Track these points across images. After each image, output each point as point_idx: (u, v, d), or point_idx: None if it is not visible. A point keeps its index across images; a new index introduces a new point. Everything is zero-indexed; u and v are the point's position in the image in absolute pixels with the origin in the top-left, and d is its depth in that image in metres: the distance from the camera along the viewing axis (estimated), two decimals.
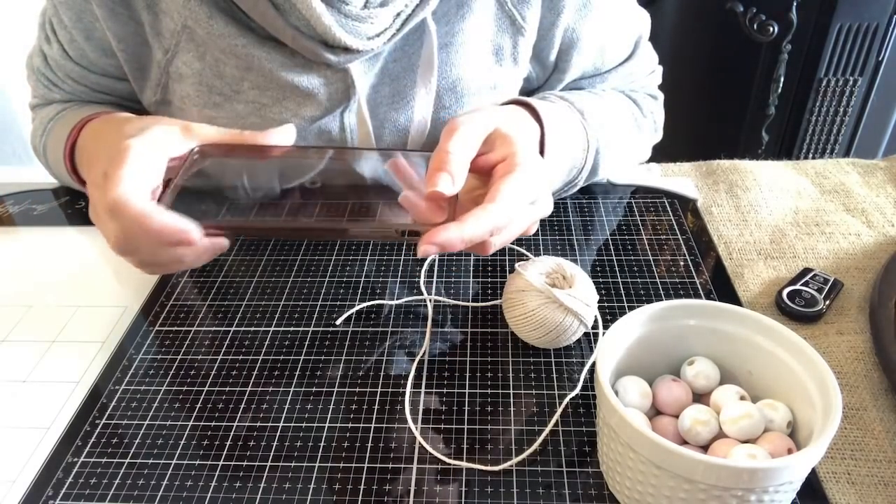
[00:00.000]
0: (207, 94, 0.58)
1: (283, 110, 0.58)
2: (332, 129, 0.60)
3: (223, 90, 0.58)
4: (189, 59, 0.57)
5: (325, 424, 0.46)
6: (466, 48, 0.59)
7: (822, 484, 0.41)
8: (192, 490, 0.42)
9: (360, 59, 0.56)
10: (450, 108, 0.61)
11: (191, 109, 0.60)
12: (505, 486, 0.41)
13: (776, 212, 0.65)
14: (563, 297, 0.47)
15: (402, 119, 0.61)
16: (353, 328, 0.54)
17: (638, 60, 0.69)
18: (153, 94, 0.61)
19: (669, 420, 0.41)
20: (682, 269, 0.58)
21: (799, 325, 0.52)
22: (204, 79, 0.58)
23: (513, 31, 0.60)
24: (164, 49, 0.57)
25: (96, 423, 0.47)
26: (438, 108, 0.61)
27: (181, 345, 0.53)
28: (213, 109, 0.59)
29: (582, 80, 0.68)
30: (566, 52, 0.64)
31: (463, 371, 0.49)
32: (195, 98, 0.59)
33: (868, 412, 0.46)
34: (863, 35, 1.21)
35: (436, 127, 0.62)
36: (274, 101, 0.58)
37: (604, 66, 0.68)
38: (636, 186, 0.70)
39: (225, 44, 0.55)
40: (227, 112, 0.59)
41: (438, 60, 0.58)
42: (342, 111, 0.59)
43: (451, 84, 0.60)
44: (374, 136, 0.61)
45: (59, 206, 0.71)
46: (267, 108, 0.58)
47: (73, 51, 0.61)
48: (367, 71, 0.58)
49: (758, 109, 1.35)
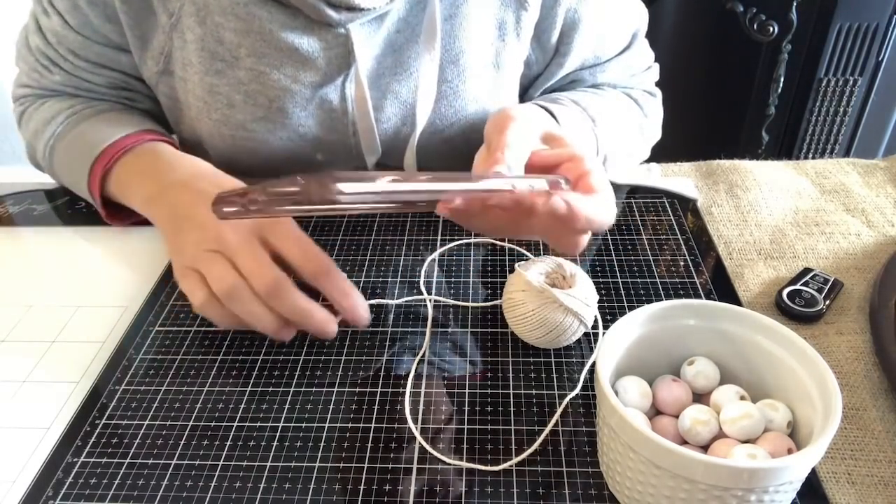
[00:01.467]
0: (209, 60, 0.58)
1: (282, 76, 0.58)
2: (333, 99, 0.60)
3: (224, 56, 0.58)
4: (191, 23, 0.57)
5: (325, 424, 0.46)
6: (470, 21, 0.59)
7: (822, 484, 0.41)
8: (192, 490, 0.42)
9: (362, 22, 0.56)
10: (452, 81, 0.61)
11: (193, 78, 0.60)
12: (505, 486, 0.41)
13: (776, 212, 0.65)
14: (563, 297, 0.47)
15: (404, 90, 0.61)
16: (353, 328, 0.54)
17: (635, 52, 0.70)
18: (155, 65, 0.61)
19: (669, 420, 0.41)
20: (682, 269, 0.58)
21: (799, 325, 0.52)
22: (206, 44, 0.57)
23: (516, 6, 0.60)
24: (168, 13, 0.57)
25: (96, 423, 0.47)
26: (441, 80, 0.61)
27: (181, 345, 0.53)
28: (214, 76, 0.59)
29: (582, 71, 0.68)
30: (567, 35, 0.64)
31: (463, 371, 0.49)
32: (197, 65, 0.59)
33: (868, 412, 0.46)
34: (863, 35, 1.21)
35: (438, 101, 0.62)
36: (272, 68, 0.58)
37: (603, 55, 0.68)
38: (636, 186, 0.70)
39: (227, 3, 0.55)
40: (229, 79, 0.59)
41: (442, 32, 0.58)
42: (343, 81, 0.59)
43: (454, 57, 0.60)
44: (375, 107, 0.61)
45: (59, 206, 0.71)
46: (265, 76, 0.58)
47: (75, 18, 0.60)
48: (368, 38, 0.57)
49: (758, 109, 1.35)
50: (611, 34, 0.67)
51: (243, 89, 0.59)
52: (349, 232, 0.64)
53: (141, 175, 0.57)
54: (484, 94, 0.64)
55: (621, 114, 0.65)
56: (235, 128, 0.62)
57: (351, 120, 0.62)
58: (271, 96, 0.59)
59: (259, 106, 0.60)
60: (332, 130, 0.63)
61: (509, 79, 0.65)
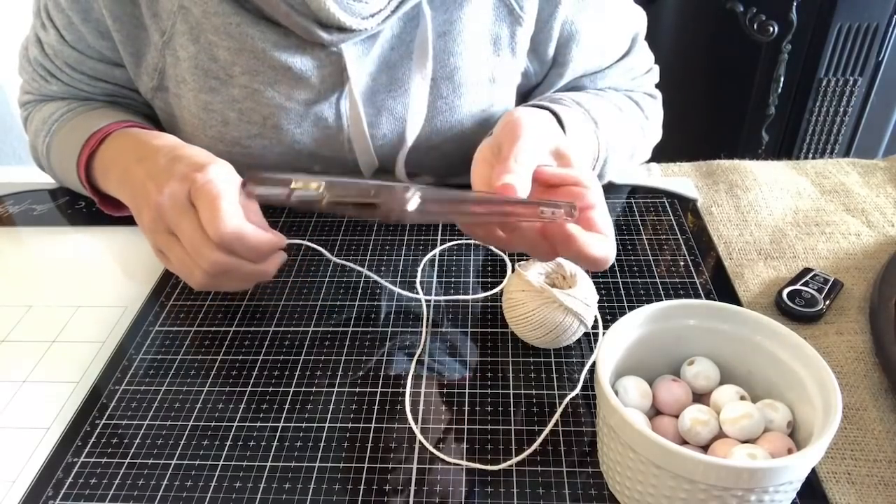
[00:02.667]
0: (203, 77, 0.58)
1: (275, 94, 0.58)
2: (329, 117, 0.60)
3: (218, 74, 0.58)
4: (184, 41, 0.57)
5: (325, 424, 0.46)
6: (464, 37, 0.59)
7: (822, 484, 0.41)
8: (192, 490, 0.42)
9: (354, 42, 0.56)
10: (447, 97, 0.61)
11: (187, 95, 0.60)
12: (505, 486, 0.41)
13: (776, 212, 0.65)
14: (563, 297, 0.47)
15: (398, 107, 0.61)
16: (353, 328, 0.54)
17: (636, 56, 0.70)
18: (150, 80, 0.61)
19: (669, 420, 0.41)
20: (682, 269, 0.58)
21: (799, 325, 0.52)
22: (199, 62, 0.58)
23: (511, 21, 0.60)
24: (160, 31, 0.58)
25: (96, 423, 0.47)
26: (436, 96, 0.61)
27: (181, 345, 0.53)
28: (208, 94, 0.59)
29: (583, 78, 0.68)
30: (565, 46, 0.64)
31: (463, 371, 0.49)
32: (191, 83, 0.59)
33: (868, 412, 0.46)
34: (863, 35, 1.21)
35: (433, 116, 0.62)
36: (266, 86, 0.58)
37: (604, 63, 0.68)
38: (636, 186, 0.70)
39: (219, 22, 0.55)
40: (223, 96, 0.59)
41: (436, 49, 0.59)
42: (337, 98, 0.59)
43: (449, 73, 0.60)
44: (369, 123, 0.61)
45: (59, 206, 0.71)
46: (259, 94, 0.58)
47: (70, 34, 0.61)
48: (361, 56, 0.58)
49: (758, 109, 1.35)
50: (610, 42, 0.66)
51: (237, 107, 0.60)
52: (349, 232, 0.64)
53: (113, 160, 0.57)
54: (479, 108, 0.64)
55: (623, 116, 0.65)
56: (231, 144, 0.62)
57: (346, 136, 0.62)
58: (265, 114, 0.60)
59: (253, 123, 0.61)
60: (327, 146, 0.63)
61: (506, 92, 0.65)
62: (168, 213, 0.47)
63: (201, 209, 0.46)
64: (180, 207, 0.46)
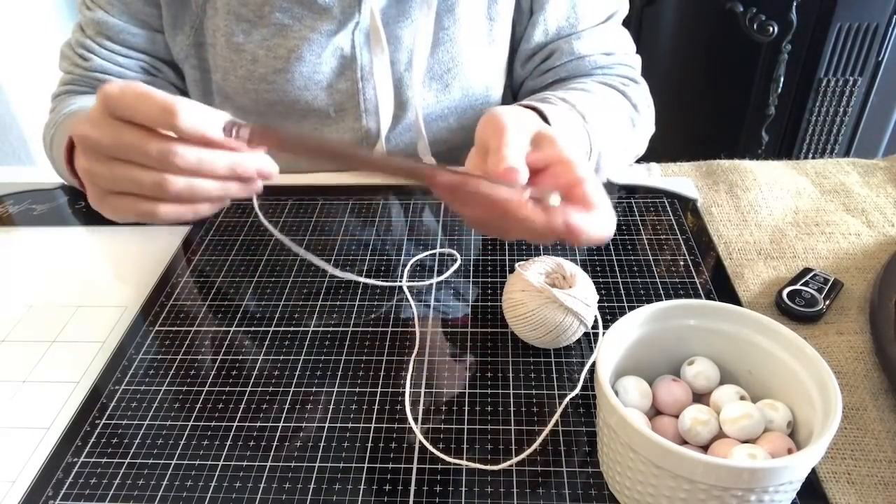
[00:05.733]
0: (235, 22, 0.66)
1: (303, 27, 0.66)
2: (344, 46, 0.67)
3: (248, 17, 0.66)
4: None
5: (325, 424, 0.46)
6: None
7: (822, 484, 0.41)
8: (192, 490, 0.42)
9: None
10: (448, 28, 0.68)
11: (220, 41, 0.68)
12: (505, 486, 0.41)
13: (776, 212, 0.65)
14: (563, 297, 0.47)
15: (406, 37, 0.68)
16: (353, 328, 0.54)
17: (612, 32, 0.73)
18: (186, 38, 0.69)
19: (669, 420, 0.41)
20: (682, 269, 0.58)
21: (799, 325, 0.52)
22: (231, 7, 0.66)
23: None
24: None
25: (96, 423, 0.47)
26: (438, 27, 0.68)
27: (181, 345, 0.53)
28: (240, 36, 0.67)
29: (559, 41, 0.71)
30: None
31: (463, 371, 0.49)
32: (224, 28, 0.67)
33: (868, 412, 0.46)
34: (863, 35, 1.21)
35: (436, 46, 0.69)
36: (295, 20, 0.66)
37: (578, 24, 0.71)
38: (636, 186, 0.70)
39: None
40: (253, 37, 0.67)
41: None
42: (353, 28, 0.67)
43: (450, 6, 0.67)
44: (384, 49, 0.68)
45: (59, 206, 0.71)
46: (287, 28, 0.66)
47: (117, 6, 0.68)
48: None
49: (758, 109, 1.35)
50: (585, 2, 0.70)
51: (266, 44, 0.67)
52: (348, 232, 0.64)
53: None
54: (478, 43, 0.71)
55: (611, 108, 0.66)
56: (258, 81, 0.69)
57: (359, 64, 0.69)
58: (290, 47, 0.67)
59: (279, 58, 0.67)
60: (341, 76, 0.69)
61: (501, 34, 0.72)
62: (102, 138, 0.40)
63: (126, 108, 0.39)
64: (108, 124, 0.40)
